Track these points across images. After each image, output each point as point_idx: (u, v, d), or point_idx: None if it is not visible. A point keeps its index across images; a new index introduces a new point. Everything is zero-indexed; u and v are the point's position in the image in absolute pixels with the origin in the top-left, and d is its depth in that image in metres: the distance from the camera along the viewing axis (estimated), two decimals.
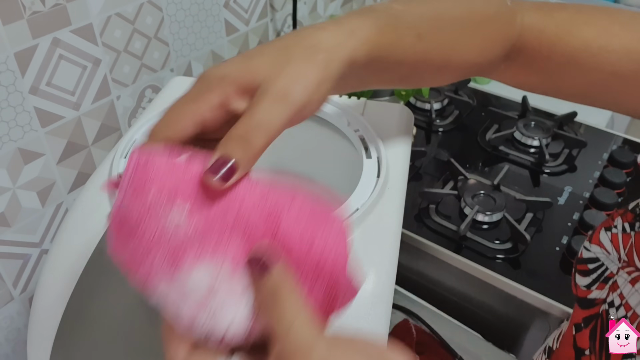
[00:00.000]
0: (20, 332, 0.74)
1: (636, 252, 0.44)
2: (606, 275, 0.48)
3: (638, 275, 0.44)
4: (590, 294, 0.49)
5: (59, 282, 0.46)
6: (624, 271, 0.46)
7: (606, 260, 0.48)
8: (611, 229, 0.48)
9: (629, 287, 0.44)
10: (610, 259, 0.47)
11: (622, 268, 0.46)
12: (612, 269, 0.47)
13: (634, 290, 0.44)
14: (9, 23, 0.57)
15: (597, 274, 0.49)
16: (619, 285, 0.46)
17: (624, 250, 0.46)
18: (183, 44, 0.80)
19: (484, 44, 0.46)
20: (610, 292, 0.47)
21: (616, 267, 0.47)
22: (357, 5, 1.19)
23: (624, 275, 0.45)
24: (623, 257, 0.46)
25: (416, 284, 0.89)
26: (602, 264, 0.48)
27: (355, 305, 0.44)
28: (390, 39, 0.39)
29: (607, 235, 0.48)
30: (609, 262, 0.48)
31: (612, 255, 0.47)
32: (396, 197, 0.53)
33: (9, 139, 0.62)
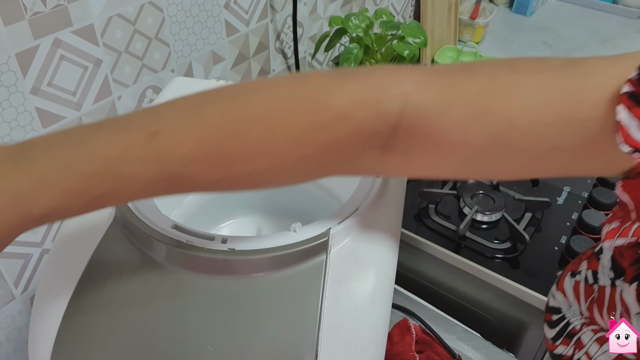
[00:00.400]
0: (22, 331, 0.74)
1: (598, 309, 0.38)
2: (569, 330, 0.42)
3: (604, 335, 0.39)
4: (556, 349, 0.43)
5: (60, 282, 0.47)
6: (588, 328, 0.40)
7: (568, 312, 0.42)
8: (576, 274, 0.41)
9: (595, 346, 0.39)
10: (572, 312, 0.42)
11: (586, 324, 0.41)
12: (575, 324, 0.41)
13: (602, 351, 0.38)
14: (10, 24, 0.57)
15: (560, 326, 0.43)
16: (584, 344, 0.40)
17: (585, 304, 0.40)
18: (184, 45, 0.80)
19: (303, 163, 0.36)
20: (576, 350, 0.41)
21: (579, 322, 0.41)
22: (357, 6, 1.19)
23: (588, 333, 0.40)
24: (584, 312, 0.40)
25: (416, 284, 0.89)
26: (564, 316, 0.43)
27: (355, 305, 0.44)
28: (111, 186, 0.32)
29: (570, 283, 0.42)
30: (570, 315, 0.42)
31: (574, 308, 0.42)
32: (395, 197, 0.53)
33: (11, 139, 0.62)
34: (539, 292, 0.75)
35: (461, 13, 1.42)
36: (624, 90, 0.31)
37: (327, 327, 0.42)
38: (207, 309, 0.43)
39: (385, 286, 0.46)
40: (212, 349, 0.41)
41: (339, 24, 0.94)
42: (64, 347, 0.44)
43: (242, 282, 0.44)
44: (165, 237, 0.45)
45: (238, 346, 0.42)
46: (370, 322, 0.44)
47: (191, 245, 0.44)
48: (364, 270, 0.46)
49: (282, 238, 0.45)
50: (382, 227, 0.49)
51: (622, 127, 0.31)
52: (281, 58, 1.04)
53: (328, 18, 1.05)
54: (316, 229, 0.46)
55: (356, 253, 0.47)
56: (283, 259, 0.44)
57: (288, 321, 0.42)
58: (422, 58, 1.31)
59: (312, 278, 0.44)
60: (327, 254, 0.45)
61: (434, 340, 0.75)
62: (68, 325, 0.44)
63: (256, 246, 0.44)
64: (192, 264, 0.44)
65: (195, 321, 0.43)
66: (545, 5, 1.66)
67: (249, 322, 0.42)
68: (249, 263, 0.44)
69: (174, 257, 0.45)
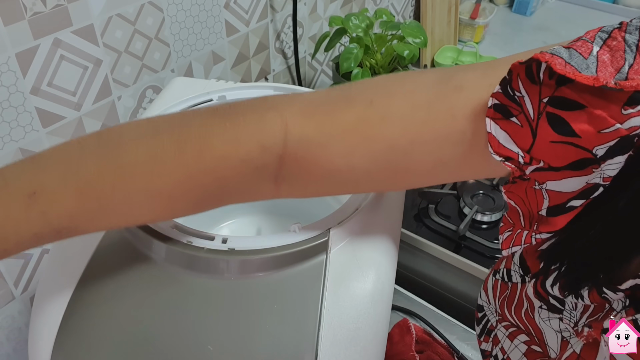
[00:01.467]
0: (22, 331, 0.74)
1: (507, 307, 0.41)
2: (488, 327, 0.44)
3: (515, 330, 0.41)
4: (481, 345, 0.46)
5: (60, 282, 0.47)
6: (501, 325, 0.43)
7: (487, 310, 0.44)
8: (496, 274, 0.43)
9: (508, 342, 0.42)
10: (490, 310, 0.44)
11: (499, 322, 0.43)
12: (492, 321, 0.44)
13: (514, 346, 0.41)
14: (10, 24, 0.57)
15: (483, 323, 0.45)
16: (499, 339, 0.43)
17: (497, 302, 0.42)
18: (184, 45, 0.80)
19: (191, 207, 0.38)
20: (494, 346, 0.44)
21: (495, 319, 0.43)
22: (357, 6, 1.19)
23: (502, 329, 0.42)
24: (498, 310, 0.43)
25: (416, 284, 0.89)
26: (485, 315, 0.45)
27: (355, 305, 0.44)
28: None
29: (491, 282, 0.43)
30: (489, 313, 0.44)
31: (492, 306, 0.43)
32: (395, 197, 0.53)
33: (11, 139, 0.62)
34: None
35: (461, 13, 1.42)
36: (490, 104, 0.32)
37: (327, 327, 0.42)
38: (207, 309, 0.43)
39: (385, 286, 0.46)
40: (212, 349, 0.41)
41: (339, 24, 0.94)
42: (64, 347, 0.44)
43: (242, 282, 0.44)
44: (165, 237, 0.45)
45: (238, 346, 0.42)
46: (370, 322, 0.44)
47: (191, 245, 0.44)
48: (364, 270, 0.46)
49: (282, 238, 0.45)
50: (382, 227, 0.49)
51: (492, 138, 0.33)
52: (281, 58, 1.04)
53: (328, 18, 1.05)
54: (316, 229, 0.46)
55: (356, 253, 0.47)
56: (283, 259, 0.44)
57: (288, 321, 0.42)
58: (422, 58, 1.31)
59: (312, 278, 0.44)
60: (327, 254, 0.45)
61: (434, 340, 0.75)
62: (68, 325, 0.44)
63: (256, 246, 0.44)
64: (192, 264, 0.44)
65: (195, 321, 0.43)
66: (545, 5, 1.66)
67: (249, 322, 0.42)
68: (249, 263, 0.44)
69: (174, 257, 0.45)
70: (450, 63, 1.29)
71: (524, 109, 0.31)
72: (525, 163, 0.33)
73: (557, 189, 0.33)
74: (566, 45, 0.30)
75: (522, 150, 0.32)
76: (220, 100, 0.63)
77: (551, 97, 0.30)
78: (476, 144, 0.34)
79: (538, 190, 0.34)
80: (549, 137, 0.31)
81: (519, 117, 0.32)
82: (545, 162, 0.32)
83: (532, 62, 0.30)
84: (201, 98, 0.63)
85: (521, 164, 0.33)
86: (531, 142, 0.32)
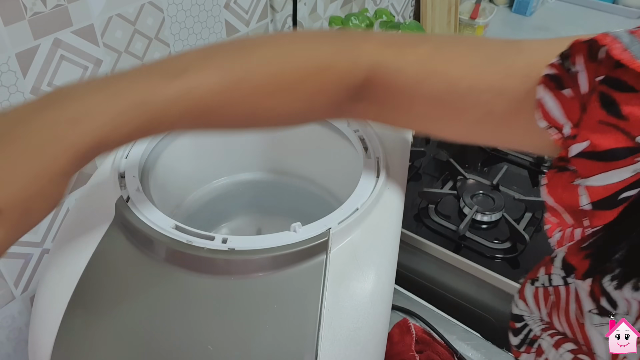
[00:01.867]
0: (22, 331, 0.74)
1: (556, 313, 0.40)
2: (530, 337, 0.44)
3: (560, 339, 0.41)
4: (520, 357, 0.45)
5: (60, 282, 0.47)
6: (546, 334, 0.42)
7: (529, 319, 0.44)
8: (535, 282, 0.43)
9: (553, 352, 0.41)
10: (533, 319, 0.44)
11: (545, 330, 0.42)
12: (536, 330, 0.43)
13: (559, 355, 0.40)
14: (10, 24, 0.57)
15: (523, 334, 0.45)
16: (544, 350, 0.42)
17: (546, 309, 0.42)
18: (184, 45, 0.80)
19: (304, 101, 0.41)
20: (537, 357, 0.43)
21: (539, 328, 0.43)
22: (357, 6, 1.19)
23: (547, 339, 0.42)
24: (544, 318, 0.42)
25: (416, 284, 0.89)
26: (526, 324, 0.44)
27: (355, 305, 0.44)
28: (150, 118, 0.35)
29: (531, 290, 0.43)
30: (532, 323, 0.44)
31: (535, 315, 0.43)
32: (395, 197, 0.53)
33: None
34: None
35: (461, 13, 1.42)
36: (546, 73, 0.35)
37: (327, 327, 0.42)
38: (207, 308, 0.43)
39: (385, 286, 0.46)
40: (212, 349, 0.42)
41: (339, 24, 0.95)
42: (64, 347, 0.44)
43: (242, 282, 0.44)
44: (166, 237, 0.45)
45: (238, 346, 0.42)
46: (370, 322, 0.44)
47: (191, 245, 0.44)
48: (364, 270, 0.46)
49: (282, 238, 0.45)
50: (382, 227, 0.49)
51: (541, 105, 0.35)
52: None
53: (328, 18, 1.05)
54: (316, 229, 0.46)
55: (356, 253, 0.47)
56: (283, 258, 0.44)
57: (288, 321, 0.42)
58: None
59: (312, 278, 0.44)
60: (327, 253, 0.45)
61: (434, 340, 0.75)
62: (68, 325, 0.44)
63: (256, 246, 0.44)
64: (192, 264, 0.44)
65: (195, 321, 0.43)
66: (545, 5, 1.66)
67: (249, 322, 0.42)
68: (249, 263, 0.44)
69: (174, 257, 0.45)
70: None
71: (578, 83, 0.33)
72: (570, 137, 0.34)
73: (601, 183, 0.33)
74: (631, 30, 0.31)
75: (570, 122, 0.34)
76: None
77: (606, 77, 0.31)
78: (525, 106, 0.36)
79: (575, 188, 0.34)
80: (598, 116, 0.32)
81: (572, 90, 0.33)
82: (591, 143, 0.32)
83: (594, 42, 0.31)
84: None
85: (566, 137, 0.35)
86: (579, 117, 0.33)
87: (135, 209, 0.48)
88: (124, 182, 0.51)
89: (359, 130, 0.59)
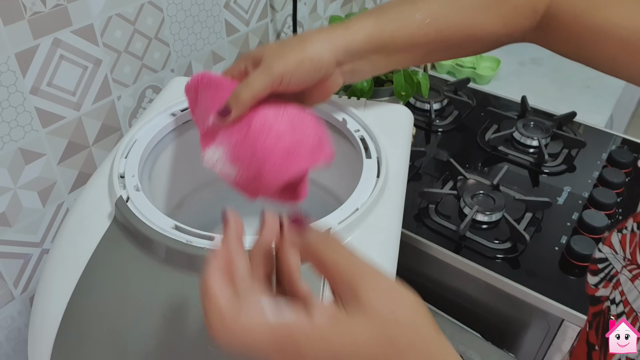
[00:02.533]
0: (21, 331, 0.74)
1: (639, 249, 0.45)
2: (611, 274, 0.49)
3: (639, 272, 0.45)
4: (597, 292, 0.50)
5: (59, 282, 0.47)
6: (626, 269, 0.46)
7: (613, 259, 0.49)
8: (622, 230, 0.48)
9: (629, 284, 0.45)
10: (617, 259, 0.48)
11: (625, 266, 0.47)
12: (617, 267, 0.48)
13: (633, 287, 0.44)
14: (10, 23, 0.57)
15: (605, 272, 0.50)
16: (621, 283, 0.47)
17: (630, 249, 0.47)
18: (183, 45, 0.80)
19: (506, 18, 0.52)
20: (613, 290, 0.48)
21: (621, 265, 0.48)
22: (357, 6, 1.19)
23: (626, 273, 0.46)
24: (627, 256, 0.47)
25: (416, 284, 0.89)
26: (609, 264, 0.49)
27: None
28: (393, 27, 0.51)
29: (617, 237, 0.49)
30: (615, 262, 0.49)
31: (619, 255, 0.48)
32: (396, 197, 0.53)
33: (10, 139, 0.62)
34: (539, 292, 0.75)
35: None
36: None
37: None
38: None
39: None
40: (212, 349, 0.41)
41: None
42: (63, 347, 0.44)
43: None
44: (165, 237, 0.45)
45: None
46: None
47: (191, 245, 0.44)
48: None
49: None
50: (382, 227, 0.49)
51: None
52: None
53: (328, 18, 1.05)
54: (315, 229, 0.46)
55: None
56: None
57: None
58: None
59: (311, 278, 0.44)
60: None
61: None
62: (67, 325, 0.44)
63: None
64: (191, 264, 0.44)
65: (195, 321, 0.43)
66: None
67: None
68: None
69: (174, 257, 0.45)
70: (450, 63, 1.29)
71: None
72: None
73: None
74: None
75: None
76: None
77: None
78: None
79: None
80: None
81: None
82: None
83: None
84: None
85: None
86: None
87: (134, 209, 0.48)
88: (123, 182, 0.51)
89: (359, 130, 0.59)
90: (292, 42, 0.50)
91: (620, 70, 0.49)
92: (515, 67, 1.34)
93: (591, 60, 0.51)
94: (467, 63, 1.30)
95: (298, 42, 0.49)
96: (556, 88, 1.28)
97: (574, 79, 1.31)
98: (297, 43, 0.49)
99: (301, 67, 0.48)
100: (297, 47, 0.49)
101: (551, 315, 0.76)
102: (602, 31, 0.48)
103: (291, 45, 0.49)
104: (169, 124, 0.60)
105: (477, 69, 1.27)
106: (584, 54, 0.51)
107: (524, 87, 1.26)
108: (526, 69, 1.34)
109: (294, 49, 0.49)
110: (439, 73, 1.31)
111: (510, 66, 1.33)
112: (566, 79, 1.31)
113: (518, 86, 1.26)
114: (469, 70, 1.27)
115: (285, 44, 0.50)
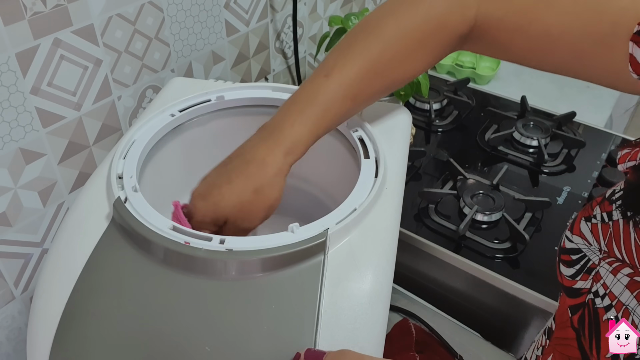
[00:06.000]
0: (22, 331, 0.74)
1: (615, 242, 0.45)
2: (589, 266, 0.48)
3: (619, 265, 0.45)
4: (575, 284, 0.50)
5: (58, 283, 0.47)
6: (605, 262, 0.46)
7: (588, 251, 0.48)
8: (591, 219, 0.48)
9: (611, 277, 0.45)
10: (592, 250, 0.48)
11: (603, 259, 0.47)
12: (594, 259, 0.48)
13: (616, 280, 0.45)
14: (10, 24, 0.57)
15: (580, 264, 0.49)
16: (602, 276, 0.46)
17: (604, 241, 0.46)
18: (184, 45, 0.81)
19: (428, 57, 0.53)
20: (594, 283, 0.47)
21: (598, 257, 0.47)
22: (357, 6, 1.19)
23: (605, 266, 0.46)
24: (603, 248, 0.46)
25: (416, 284, 0.89)
26: (584, 255, 0.49)
27: (353, 306, 0.44)
28: (327, 121, 0.51)
29: (587, 226, 0.49)
30: (590, 254, 0.48)
31: (594, 247, 0.48)
32: (394, 197, 0.53)
33: (11, 139, 0.62)
34: (539, 292, 0.75)
35: None
36: (636, 30, 0.41)
37: (324, 327, 0.42)
38: (205, 309, 0.43)
39: (384, 286, 0.46)
40: (210, 350, 0.42)
41: (339, 24, 0.94)
42: (62, 347, 0.44)
43: (239, 282, 0.44)
44: (163, 238, 0.45)
45: (236, 347, 0.42)
46: (368, 323, 0.44)
47: (189, 246, 0.44)
48: (362, 271, 0.46)
49: (279, 238, 0.45)
50: (380, 227, 0.49)
51: (633, 59, 0.42)
52: (281, 58, 1.04)
53: (328, 18, 1.05)
54: (314, 230, 0.46)
55: (354, 253, 0.47)
56: (281, 259, 0.44)
57: (286, 322, 0.42)
58: None
59: (310, 278, 0.44)
60: (325, 254, 0.45)
61: (434, 340, 0.75)
62: (66, 325, 0.44)
63: (254, 247, 0.44)
64: (190, 264, 0.44)
65: (193, 322, 0.43)
66: None
67: (247, 323, 0.42)
68: (247, 263, 0.44)
69: (172, 258, 0.45)
70: (450, 62, 1.29)
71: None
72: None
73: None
74: None
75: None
76: (219, 100, 0.63)
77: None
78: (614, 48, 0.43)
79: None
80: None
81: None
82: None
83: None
84: (200, 98, 0.63)
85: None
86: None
87: (132, 209, 0.48)
88: (121, 183, 0.51)
89: (358, 130, 0.59)
90: (250, 200, 0.49)
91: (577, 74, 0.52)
92: (515, 67, 1.34)
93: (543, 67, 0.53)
94: (467, 63, 1.30)
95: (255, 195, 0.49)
96: (556, 88, 1.28)
97: (574, 79, 1.30)
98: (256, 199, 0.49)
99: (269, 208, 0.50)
100: (258, 205, 0.49)
101: (550, 314, 0.76)
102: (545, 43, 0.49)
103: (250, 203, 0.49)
104: (168, 124, 0.60)
105: (477, 69, 1.27)
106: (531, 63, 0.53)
107: (523, 87, 1.25)
108: (526, 69, 1.34)
109: (256, 207, 0.49)
110: (438, 73, 1.31)
111: (510, 66, 1.32)
112: (566, 79, 1.30)
113: (518, 86, 1.26)
114: (469, 70, 1.27)
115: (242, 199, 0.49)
